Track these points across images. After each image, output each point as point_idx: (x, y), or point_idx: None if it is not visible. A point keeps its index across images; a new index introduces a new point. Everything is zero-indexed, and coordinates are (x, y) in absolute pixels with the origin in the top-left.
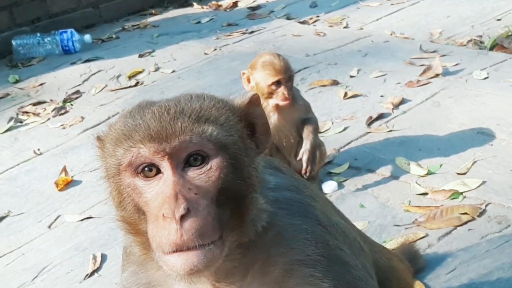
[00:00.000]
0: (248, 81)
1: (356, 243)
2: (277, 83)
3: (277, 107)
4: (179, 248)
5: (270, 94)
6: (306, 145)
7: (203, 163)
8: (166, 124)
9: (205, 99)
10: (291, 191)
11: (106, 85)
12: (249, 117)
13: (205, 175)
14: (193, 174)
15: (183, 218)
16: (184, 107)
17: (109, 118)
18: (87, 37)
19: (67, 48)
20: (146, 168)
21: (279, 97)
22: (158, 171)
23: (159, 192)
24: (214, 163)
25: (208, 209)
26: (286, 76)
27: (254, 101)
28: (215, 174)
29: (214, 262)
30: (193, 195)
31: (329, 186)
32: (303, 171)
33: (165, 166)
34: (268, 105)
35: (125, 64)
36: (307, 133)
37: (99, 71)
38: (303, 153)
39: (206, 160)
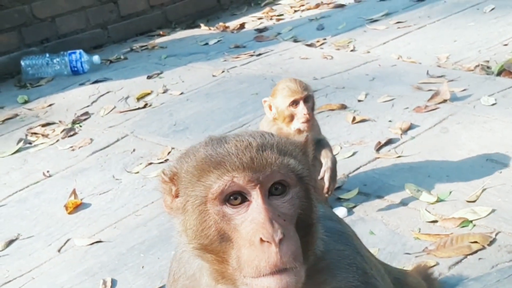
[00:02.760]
0: (270, 108)
1: (382, 273)
2: (295, 103)
3: (297, 131)
4: (277, 270)
5: (291, 118)
6: (327, 164)
7: (284, 192)
8: (256, 155)
9: (275, 136)
10: (332, 221)
11: (114, 107)
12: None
13: (288, 203)
14: (278, 202)
15: (280, 241)
16: (264, 141)
17: (118, 140)
18: (96, 58)
19: (75, 68)
20: (232, 197)
21: (300, 119)
22: (244, 199)
23: (251, 219)
24: (295, 193)
25: (295, 234)
26: (302, 96)
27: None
28: (296, 203)
29: (299, 284)
30: (283, 221)
31: (339, 212)
32: (325, 190)
33: (255, 194)
34: (290, 131)
35: (134, 85)
36: (325, 152)
37: (107, 92)
38: (325, 172)
39: (287, 190)
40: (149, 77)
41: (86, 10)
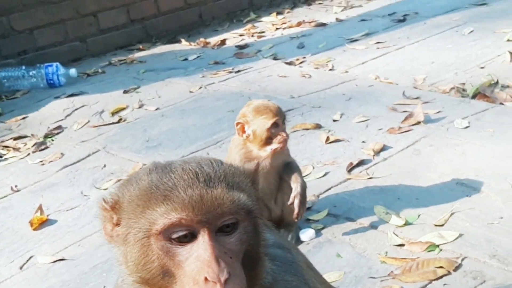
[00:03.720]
0: (243, 130)
1: None
2: (275, 126)
3: (272, 153)
4: None
5: (269, 140)
6: (296, 189)
7: (232, 229)
8: (205, 192)
9: (224, 165)
10: (283, 249)
11: (88, 121)
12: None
13: (235, 240)
14: (225, 239)
15: (226, 281)
16: (213, 174)
17: (89, 155)
18: (73, 71)
19: (52, 81)
20: (177, 234)
21: (278, 140)
22: (193, 236)
23: (196, 256)
24: (243, 228)
25: (242, 271)
26: (282, 118)
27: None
28: (244, 238)
29: None
30: (229, 258)
31: (307, 234)
32: (295, 215)
33: (202, 232)
34: (265, 152)
35: (110, 99)
36: (295, 176)
37: (82, 106)
38: (295, 197)
39: (236, 226)
40: (125, 92)
41: (65, 23)
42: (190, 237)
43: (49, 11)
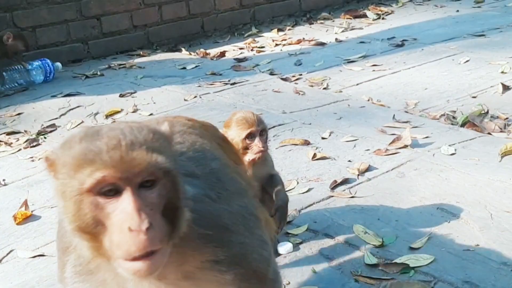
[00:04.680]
0: (231, 136)
1: (253, 218)
2: (251, 137)
3: (251, 163)
4: (142, 255)
5: (245, 150)
6: (278, 202)
7: (152, 185)
8: (125, 154)
9: (144, 129)
10: (203, 202)
11: (82, 121)
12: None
13: (155, 194)
14: (147, 193)
15: (147, 230)
16: (134, 139)
17: None
18: (58, 64)
19: (49, 74)
20: (104, 189)
21: (254, 151)
22: (117, 192)
23: (121, 209)
24: (162, 185)
25: (161, 222)
26: (258, 129)
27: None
28: (163, 193)
29: (164, 261)
30: (150, 210)
31: (284, 247)
32: (276, 229)
33: (126, 188)
34: (244, 162)
35: (105, 102)
36: (278, 189)
37: (78, 106)
38: (277, 210)
39: (155, 183)
40: (121, 95)
41: (68, 24)
42: (115, 192)
43: (53, 11)
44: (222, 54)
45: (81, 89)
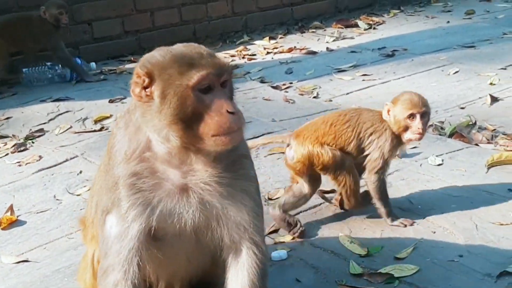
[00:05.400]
0: (388, 113)
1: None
2: (412, 117)
3: (408, 141)
4: (237, 129)
5: (406, 128)
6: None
7: (225, 84)
8: (218, 59)
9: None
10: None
11: (71, 126)
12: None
13: (228, 90)
14: (226, 90)
15: (239, 112)
16: (209, 51)
17: (66, 160)
18: (93, 64)
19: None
20: (204, 87)
21: (413, 131)
22: (209, 89)
23: (218, 99)
24: (230, 84)
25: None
26: (421, 111)
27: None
28: (232, 89)
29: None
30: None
31: (278, 254)
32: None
33: (217, 85)
34: (402, 138)
35: (94, 107)
36: None
37: (67, 111)
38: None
39: (226, 83)
40: (111, 101)
41: None
42: (208, 89)
43: None
44: None
45: (71, 94)
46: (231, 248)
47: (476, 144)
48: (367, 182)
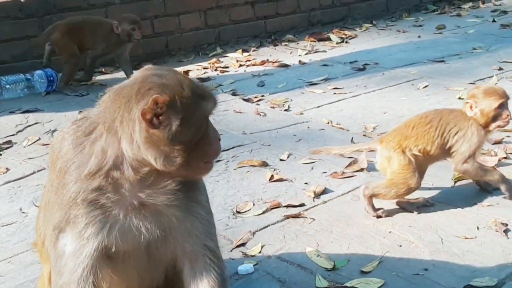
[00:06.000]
0: (471, 108)
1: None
2: (501, 106)
3: (495, 129)
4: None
5: (494, 118)
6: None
7: None
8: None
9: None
10: None
11: (39, 138)
12: None
13: None
14: None
15: None
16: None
17: (34, 172)
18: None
19: (51, 79)
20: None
21: (504, 119)
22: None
23: (212, 128)
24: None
25: None
26: (507, 99)
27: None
28: None
29: None
30: None
31: (244, 268)
32: None
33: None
34: (490, 128)
35: (64, 119)
36: None
37: (36, 123)
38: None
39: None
40: (81, 113)
41: (29, 40)
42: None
43: (15, 26)
44: (186, 73)
45: (41, 106)
46: (187, 259)
47: (445, 159)
48: (464, 174)
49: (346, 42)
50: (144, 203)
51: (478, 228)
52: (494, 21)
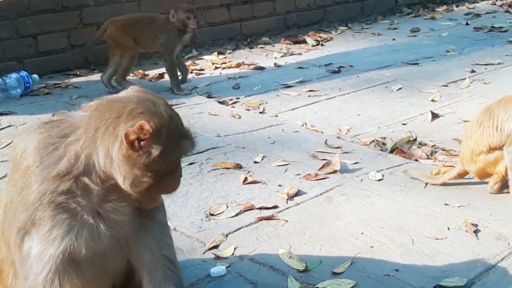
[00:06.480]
0: None
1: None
2: None
3: None
4: None
5: None
6: None
7: None
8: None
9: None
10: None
11: (12, 141)
12: None
13: None
14: None
15: None
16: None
17: (6, 175)
18: (35, 76)
19: (28, 84)
20: None
21: None
22: None
23: (180, 167)
24: None
25: None
26: None
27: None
28: None
29: None
30: None
31: (217, 270)
32: None
33: None
34: None
35: (38, 122)
36: None
37: (9, 126)
38: None
39: None
40: (54, 116)
41: (3, 42)
42: None
43: None
44: (161, 75)
45: (14, 108)
46: (146, 270)
47: (416, 160)
48: None
49: (322, 45)
50: (106, 212)
51: (448, 228)
52: (467, 24)
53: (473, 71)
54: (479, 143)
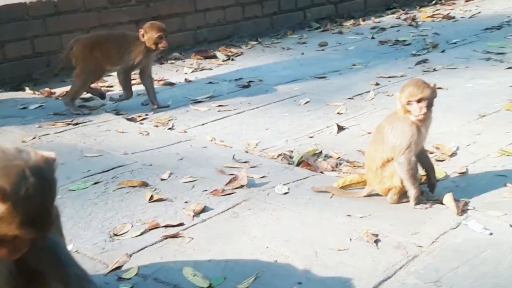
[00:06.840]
0: (399, 100)
1: None
2: (410, 103)
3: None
4: None
5: (407, 112)
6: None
7: None
8: None
9: None
10: None
11: None
12: None
13: None
14: None
15: None
16: None
17: None
18: None
19: None
20: None
21: (414, 114)
22: None
23: None
24: None
25: None
26: (416, 98)
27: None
28: None
29: None
30: None
31: None
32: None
33: None
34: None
35: None
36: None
37: None
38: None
39: None
40: None
41: None
42: None
43: None
44: (67, 93)
45: None
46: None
47: (322, 172)
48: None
49: (232, 60)
50: None
51: (351, 239)
52: (373, 37)
53: (377, 84)
54: (374, 159)
